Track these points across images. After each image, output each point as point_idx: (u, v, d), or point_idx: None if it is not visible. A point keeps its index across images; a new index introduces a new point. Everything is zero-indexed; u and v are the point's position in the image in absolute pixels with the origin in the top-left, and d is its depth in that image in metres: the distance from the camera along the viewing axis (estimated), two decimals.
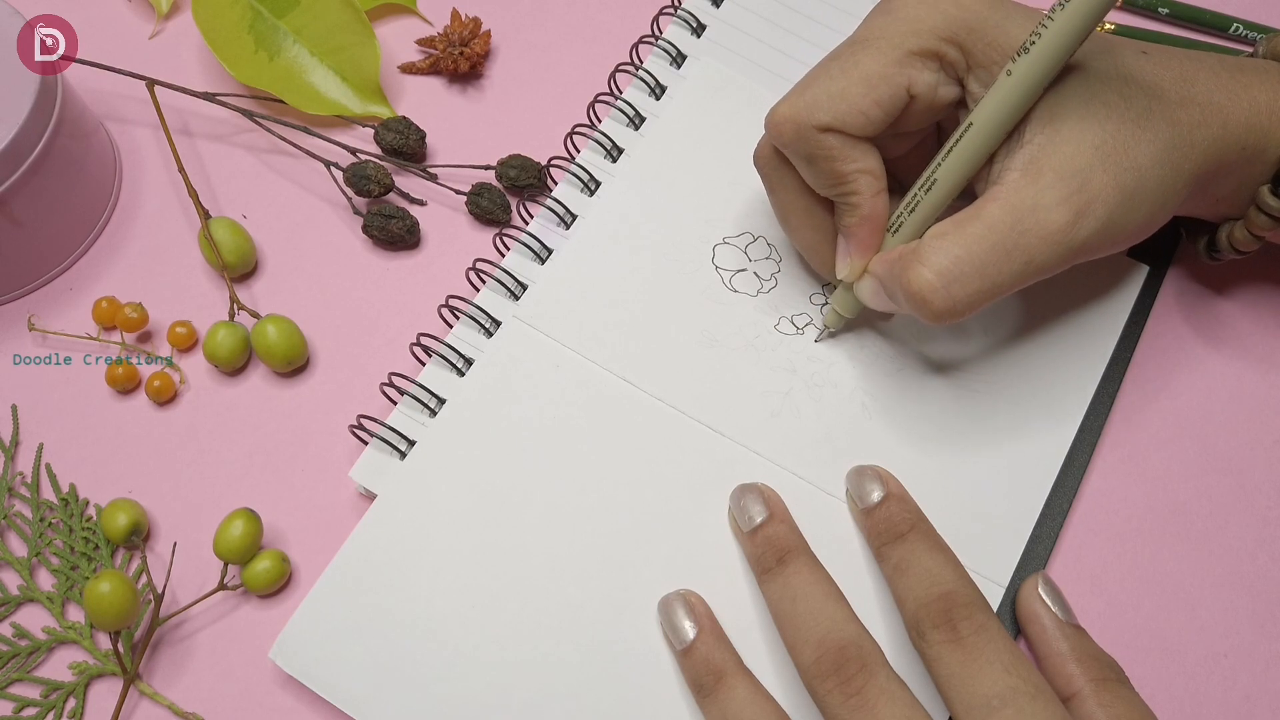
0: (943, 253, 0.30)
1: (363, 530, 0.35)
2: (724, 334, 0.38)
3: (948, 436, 0.36)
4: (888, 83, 0.31)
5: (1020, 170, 0.30)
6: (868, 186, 0.33)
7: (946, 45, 0.31)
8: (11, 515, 0.37)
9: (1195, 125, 0.31)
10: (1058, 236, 0.30)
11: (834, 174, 0.32)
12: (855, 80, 0.31)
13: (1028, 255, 0.30)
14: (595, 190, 0.41)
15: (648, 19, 0.45)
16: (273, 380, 0.39)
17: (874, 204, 0.33)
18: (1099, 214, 0.30)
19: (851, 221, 0.33)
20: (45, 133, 0.37)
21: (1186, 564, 0.36)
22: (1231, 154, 0.32)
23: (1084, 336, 0.38)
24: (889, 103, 0.32)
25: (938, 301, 0.30)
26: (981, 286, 0.30)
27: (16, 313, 0.41)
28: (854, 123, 0.31)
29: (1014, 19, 0.31)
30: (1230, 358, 0.39)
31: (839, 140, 0.32)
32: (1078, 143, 0.30)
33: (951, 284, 0.30)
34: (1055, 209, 0.30)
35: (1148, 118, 0.31)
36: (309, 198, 0.43)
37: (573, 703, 0.33)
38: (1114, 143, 0.30)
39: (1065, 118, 0.30)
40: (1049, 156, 0.30)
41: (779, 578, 0.32)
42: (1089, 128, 0.30)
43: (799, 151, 0.33)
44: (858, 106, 0.31)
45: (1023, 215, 0.30)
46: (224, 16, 0.43)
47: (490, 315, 0.38)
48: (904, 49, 0.31)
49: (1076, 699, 0.30)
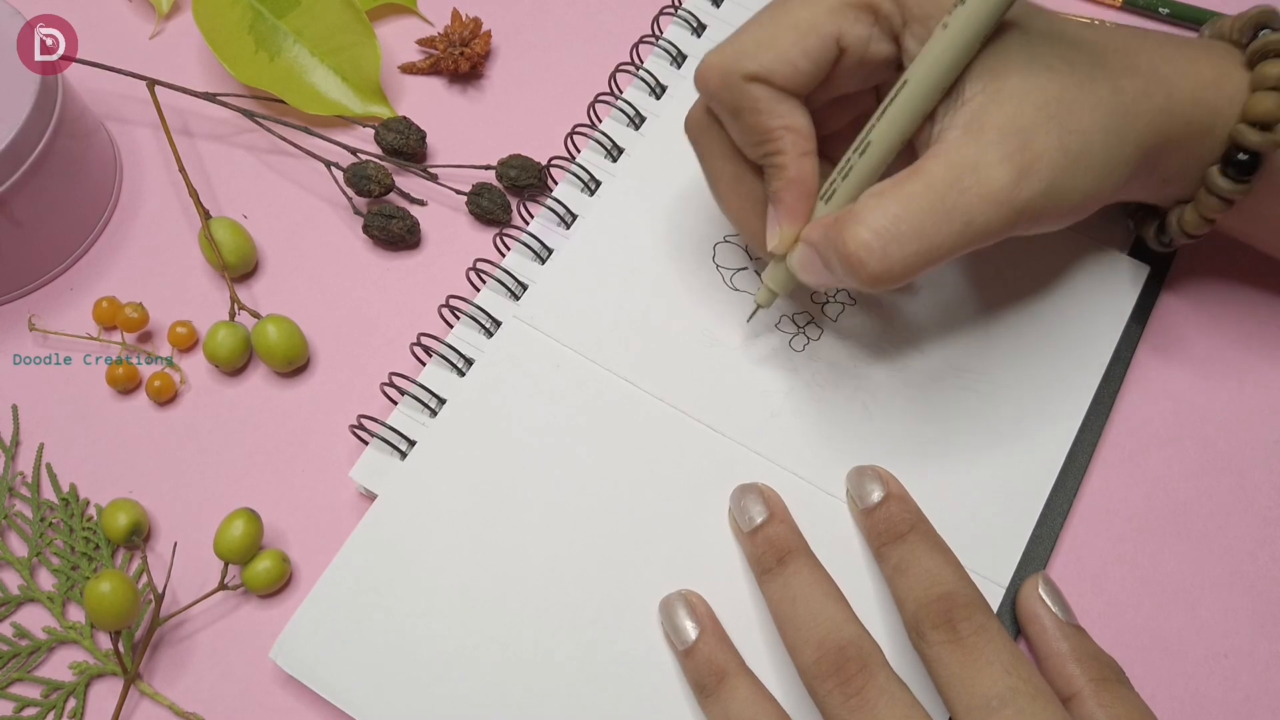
0: (879, 211, 0.29)
1: (363, 530, 0.35)
2: (725, 333, 0.38)
3: (948, 437, 0.36)
4: (816, 32, 0.31)
5: (961, 128, 0.29)
6: (793, 145, 0.32)
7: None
8: (12, 515, 0.37)
9: (1140, 94, 0.30)
10: (1000, 196, 0.29)
11: (759, 129, 0.31)
12: (785, 28, 0.31)
13: (968, 215, 0.29)
14: (596, 190, 0.41)
15: (648, 19, 0.45)
16: (273, 380, 0.39)
17: (800, 165, 0.32)
18: (1043, 175, 0.29)
19: (778, 185, 0.32)
20: (45, 133, 0.37)
21: (1186, 564, 0.36)
22: (1177, 128, 0.31)
23: (1084, 336, 0.38)
24: (817, 53, 0.31)
25: (873, 263, 0.29)
26: (919, 248, 0.29)
27: (17, 313, 0.41)
28: (781, 71, 0.31)
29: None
30: (1231, 358, 0.39)
31: (765, 92, 0.31)
32: (1021, 100, 0.29)
33: (889, 244, 0.29)
34: (997, 166, 0.29)
35: (1091, 83, 0.30)
36: (309, 198, 0.43)
37: (573, 703, 0.33)
38: (1058, 104, 0.29)
39: (1008, 75, 0.29)
40: (991, 114, 0.29)
41: (779, 578, 0.32)
42: (1033, 86, 0.29)
43: (725, 103, 0.32)
44: (785, 55, 0.31)
45: (963, 173, 0.29)
46: (224, 16, 0.43)
47: (490, 315, 0.38)
48: None
49: (1076, 699, 0.30)
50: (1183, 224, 0.35)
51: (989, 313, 0.38)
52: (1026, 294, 0.38)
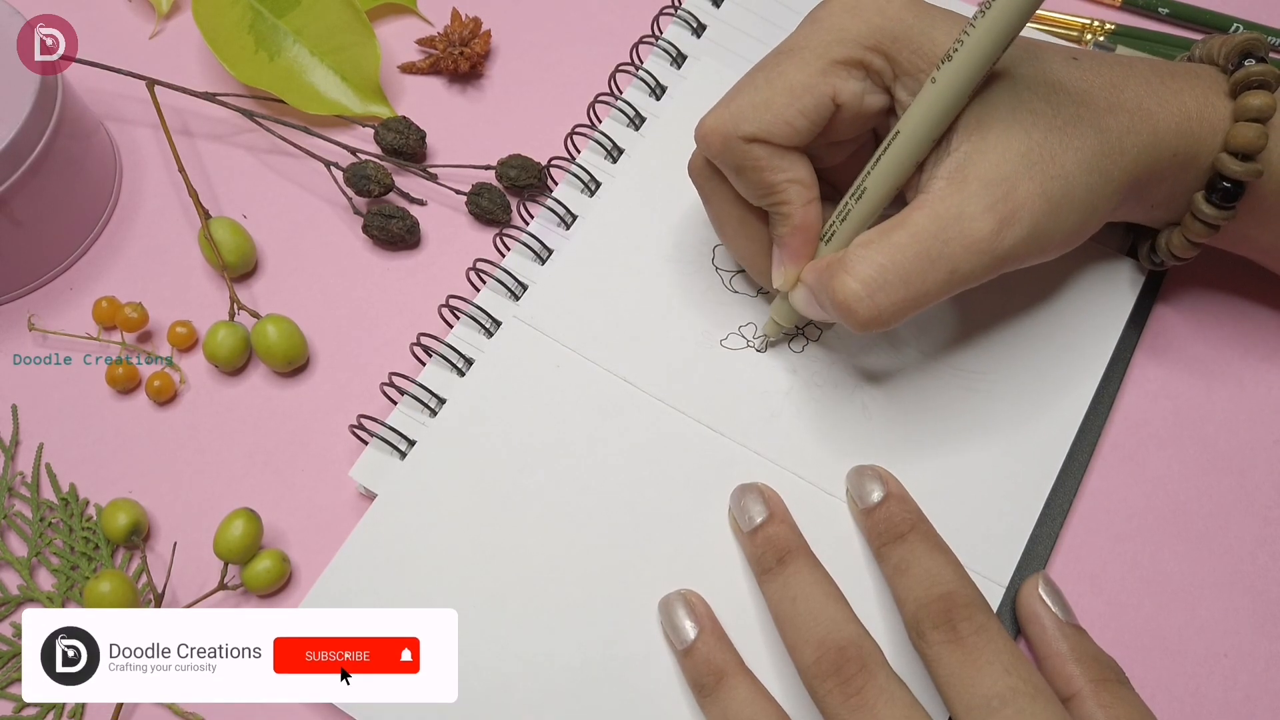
0: (867, 261, 0.30)
1: (363, 530, 0.35)
2: (724, 334, 0.38)
3: (948, 436, 0.36)
4: (812, 92, 0.31)
5: (946, 179, 0.30)
6: (798, 196, 0.32)
7: (871, 54, 0.31)
8: (11, 515, 0.37)
9: (1124, 132, 0.31)
10: (982, 245, 0.30)
11: (763, 184, 0.32)
12: (780, 90, 0.31)
13: (952, 264, 0.30)
14: (595, 190, 0.41)
15: (648, 19, 0.45)
16: (273, 380, 0.39)
17: (805, 213, 0.33)
18: (1024, 222, 0.30)
19: (784, 231, 0.33)
20: (45, 133, 0.37)
21: (1186, 564, 0.36)
22: (1163, 161, 0.32)
23: (1084, 336, 0.38)
24: (814, 112, 0.31)
25: (862, 310, 0.30)
26: (906, 295, 0.30)
27: (16, 313, 0.41)
28: (780, 133, 0.31)
29: (939, 26, 0.31)
30: (1230, 358, 0.39)
31: (766, 151, 0.32)
32: (1004, 150, 0.30)
33: (876, 293, 0.30)
34: (980, 217, 0.30)
35: (1075, 124, 0.31)
36: (309, 198, 0.43)
37: (573, 702, 0.33)
38: (1040, 150, 0.30)
39: (991, 125, 0.30)
40: (974, 165, 0.30)
41: (779, 578, 0.32)
42: (1015, 135, 0.30)
43: (727, 162, 0.33)
44: (783, 116, 0.31)
45: (947, 224, 0.30)
46: (224, 16, 0.43)
47: (490, 315, 0.38)
48: (828, 58, 0.31)
49: (1076, 699, 0.30)
50: (1171, 248, 0.35)
51: (989, 313, 0.38)
52: (1026, 294, 0.38)
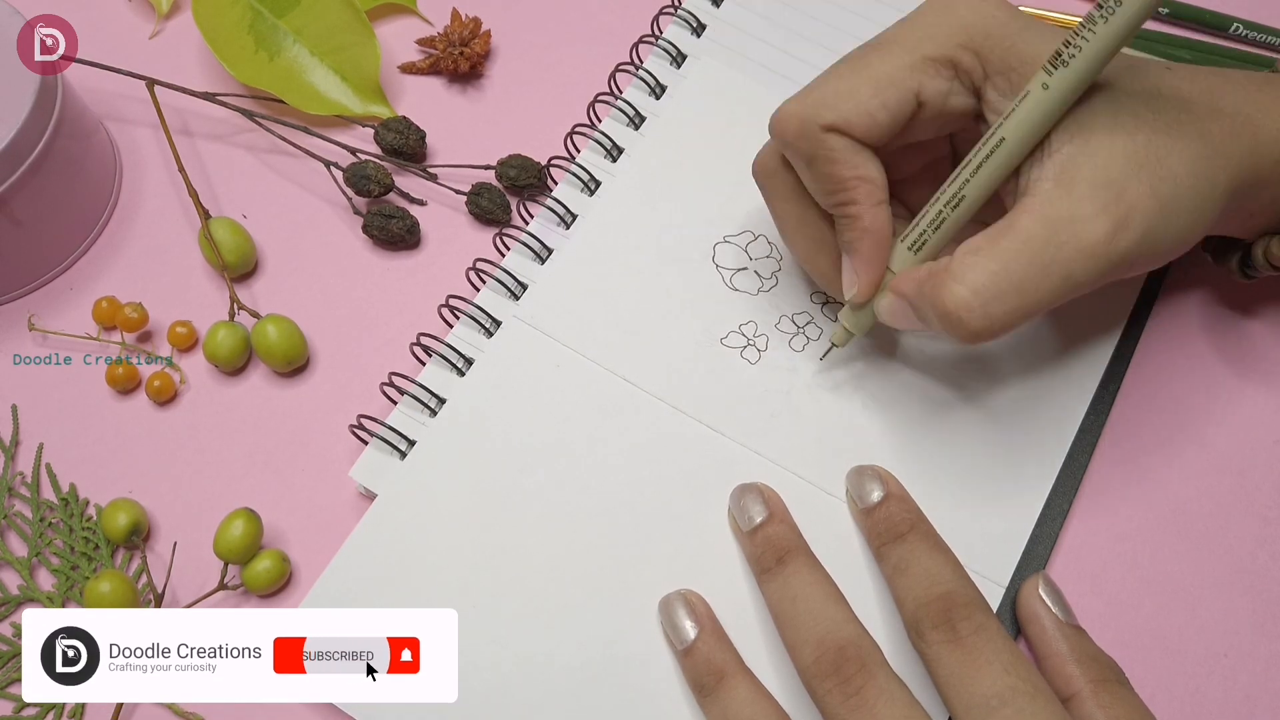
0: (978, 269, 0.29)
1: (363, 530, 0.35)
2: (724, 333, 0.38)
3: (948, 436, 0.36)
4: (896, 86, 0.31)
5: (1053, 180, 0.29)
6: (866, 196, 0.32)
7: (963, 52, 0.31)
8: (11, 515, 0.37)
9: (1227, 137, 0.30)
10: (1097, 249, 0.29)
11: (833, 178, 0.32)
12: (864, 80, 0.31)
13: (1066, 270, 0.29)
14: (595, 190, 0.41)
15: (648, 19, 0.45)
16: (273, 380, 0.39)
17: (874, 215, 0.32)
18: (1138, 225, 0.29)
19: (852, 236, 0.32)
20: (45, 133, 0.37)
21: (1186, 564, 0.36)
22: (1265, 167, 0.31)
23: (1084, 337, 0.38)
24: (896, 106, 0.31)
25: (974, 321, 0.29)
26: (1020, 304, 0.29)
27: (16, 313, 0.41)
28: (859, 124, 0.31)
29: (1031, 29, 0.31)
30: (1230, 358, 0.39)
31: (842, 142, 0.31)
32: (1110, 151, 0.29)
33: (989, 302, 0.29)
34: (1093, 220, 0.29)
35: (1178, 128, 0.30)
36: (309, 198, 0.43)
37: (573, 702, 0.33)
38: (1146, 151, 0.29)
39: (1094, 128, 0.29)
40: (1081, 166, 0.29)
41: (778, 578, 0.32)
42: (1119, 137, 0.29)
43: (801, 150, 0.32)
44: (864, 107, 0.31)
45: (1059, 228, 0.29)
46: (224, 16, 0.43)
47: (490, 315, 0.38)
48: (918, 54, 0.31)
49: (1075, 699, 0.30)
50: (1269, 256, 0.35)
51: None
52: None
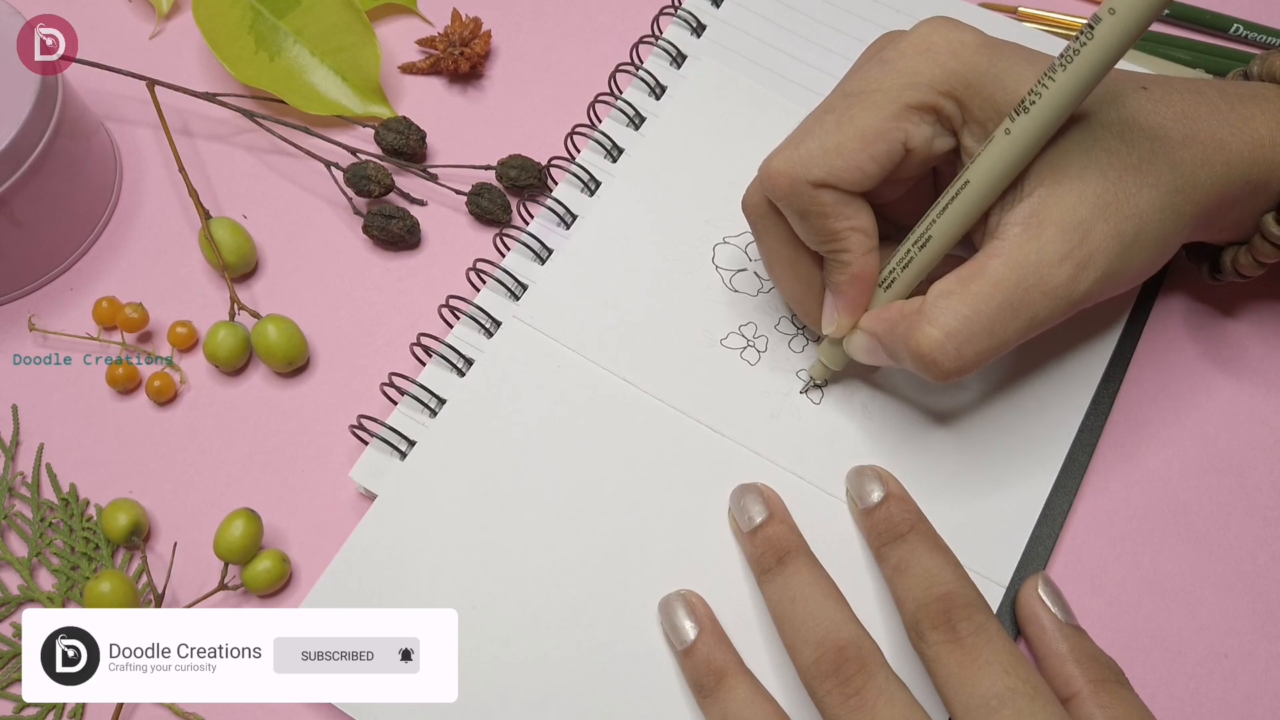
0: (950, 313, 0.30)
1: (363, 530, 0.35)
2: (724, 334, 0.38)
3: (947, 436, 0.36)
4: (884, 138, 0.31)
5: (1022, 225, 0.30)
6: (859, 245, 0.32)
7: (943, 99, 0.31)
8: (12, 515, 0.37)
9: (1198, 164, 0.31)
10: (1060, 291, 0.30)
11: (826, 230, 0.32)
12: (851, 135, 0.31)
13: (1032, 311, 0.30)
14: (595, 190, 0.41)
15: (648, 19, 0.45)
16: (273, 380, 0.39)
17: (864, 262, 0.32)
18: (1099, 265, 0.30)
19: (841, 280, 0.33)
20: (46, 133, 0.37)
21: (1187, 564, 0.36)
22: (1235, 189, 0.32)
23: (1084, 336, 0.38)
24: (885, 158, 0.31)
25: (948, 362, 0.30)
26: (990, 344, 0.30)
27: (17, 313, 0.41)
28: (849, 178, 0.31)
29: (1013, 70, 0.30)
30: (1230, 357, 0.39)
31: (833, 196, 0.31)
32: (1080, 194, 0.30)
33: (962, 345, 0.30)
34: (1058, 265, 0.29)
35: (1150, 162, 0.30)
36: (309, 198, 0.43)
37: (573, 702, 0.33)
38: (1114, 191, 0.30)
39: (1066, 169, 0.30)
40: (1050, 210, 0.30)
41: (778, 578, 0.32)
42: (1090, 177, 0.30)
43: (792, 206, 0.32)
44: (854, 162, 0.31)
45: (1027, 272, 0.29)
46: (224, 16, 0.43)
47: (490, 315, 0.38)
48: (900, 103, 0.31)
49: (1075, 700, 0.30)
50: (1237, 265, 0.35)
51: None
52: None
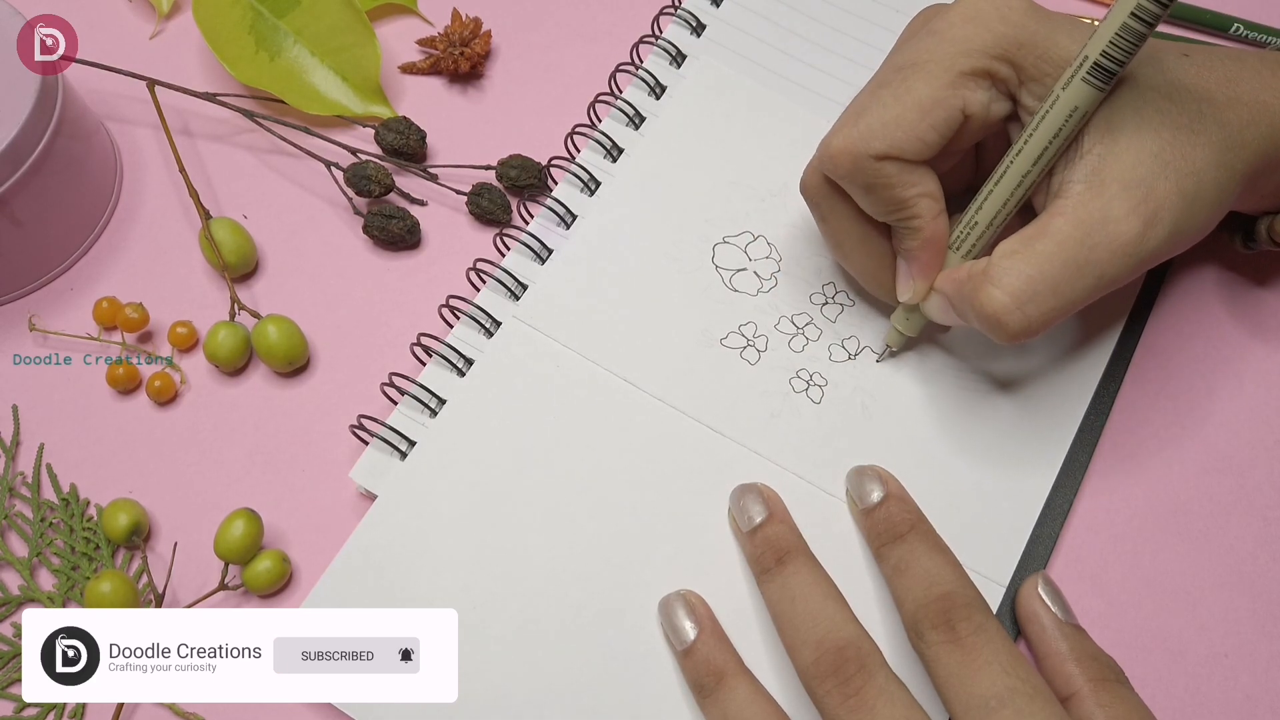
0: (1014, 273, 0.30)
1: (363, 530, 0.35)
2: (724, 334, 0.38)
3: (948, 436, 0.36)
4: (942, 106, 0.31)
5: (1084, 182, 0.30)
6: (928, 209, 0.32)
7: (998, 63, 0.31)
8: (12, 515, 0.37)
9: (1245, 125, 0.31)
10: (1129, 248, 0.30)
11: (894, 200, 0.32)
12: (909, 106, 0.31)
13: (1099, 269, 0.30)
14: (595, 190, 0.41)
15: (648, 19, 0.45)
16: (273, 380, 0.39)
17: (935, 226, 0.33)
18: (1166, 221, 0.30)
19: (914, 245, 0.33)
20: (46, 133, 0.37)
21: (1187, 564, 0.36)
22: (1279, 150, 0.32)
23: (1085, 335, 0.38)
24: (944, 126, 0.31)
25: (1013, 323, 0.30)
26: (1056, 304, 0.30)
27: (17, 313, 0.41)
28: (911, 149, 0.31)
29: (1061, 30, 0.31)
30: (1231, 358, 0.39)
31: (896, 167, 0.32)
32: (1138, 151, 0.30)
33: (1026, 304, 0.30)
34: (1125, 220, 0.30)
35: (1200, 121, 0.31)
36: (309, 198, 0.43)
37: (573, 703, 0.33)
38: (1172, 149, 0.30)
39: (1121, 127, 0.30)
40: (1110, 167, 0.30)
41: (778, 578, 0.32)
42: (1146, 135, 0.30)
43: (857, 181, 0.32)
44: (914, 133, 0.31)
45: (1092, 229, 0.30)
46: (224, 17, 0.43)
47: (490, 315, 0.38)
48: (956, 70, 0.31)
49: (1075, 699, 0.30)
50: (1273, 233, 0.36)
51: None
52: None
